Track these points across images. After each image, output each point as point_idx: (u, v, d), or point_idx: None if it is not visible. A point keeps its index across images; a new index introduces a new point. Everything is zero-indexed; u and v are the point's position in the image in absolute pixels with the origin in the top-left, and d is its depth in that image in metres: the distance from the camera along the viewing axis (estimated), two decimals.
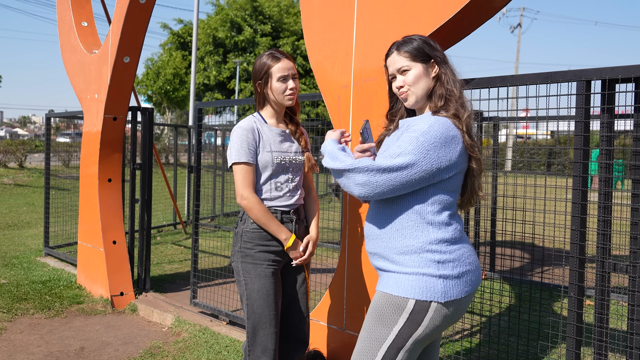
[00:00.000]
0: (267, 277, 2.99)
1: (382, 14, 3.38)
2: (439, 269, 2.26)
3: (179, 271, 7.23)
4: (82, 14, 6.57)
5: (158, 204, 13.20)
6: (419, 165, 2.21)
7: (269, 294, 2.97)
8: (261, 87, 3.08)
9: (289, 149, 3.12)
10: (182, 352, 4.46)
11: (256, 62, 3.08)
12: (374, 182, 2.26)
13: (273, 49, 3.13)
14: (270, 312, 2.97)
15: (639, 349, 2.68)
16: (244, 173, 2.95)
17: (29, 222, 11.22)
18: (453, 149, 2.25)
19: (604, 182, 2.83)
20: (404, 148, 2.24)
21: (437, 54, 2.45)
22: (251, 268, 2.99)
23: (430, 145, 2.22)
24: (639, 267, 2.66)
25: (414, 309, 2.25)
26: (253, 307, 2.96)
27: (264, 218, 2.96)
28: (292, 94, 3.04)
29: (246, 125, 3.01)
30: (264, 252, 3.00)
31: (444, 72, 2.44)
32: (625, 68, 2.70)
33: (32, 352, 4.44)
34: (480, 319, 5.28)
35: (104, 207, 5.93)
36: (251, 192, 2.96)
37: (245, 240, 3.02)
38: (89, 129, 6.15)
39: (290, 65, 3.04)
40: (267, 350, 2.95)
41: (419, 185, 2.26)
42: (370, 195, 2.29)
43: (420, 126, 2.28)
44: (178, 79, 33.64)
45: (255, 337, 2.96)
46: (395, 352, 2.29)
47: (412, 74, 2.44)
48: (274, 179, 3.04)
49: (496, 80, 3.12)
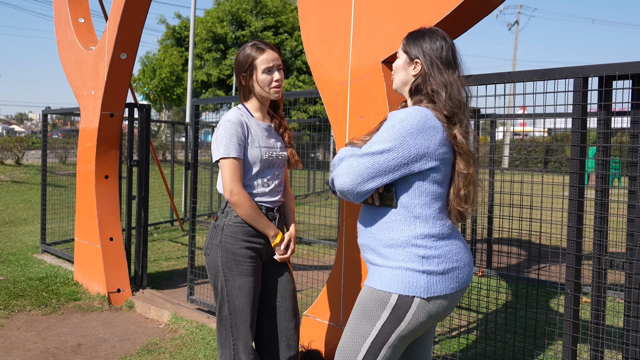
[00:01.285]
0: (249, 275, 2.94)
1: (379, 11, 3.38)
2: (422, 264, 2.25)
3: (176, 268, 7.23)
4: (78, 10, 6.55)
5: (155, 201, 13.20)
6: (395, 150, 2.21)
7: (250, 292, 2.94)
8: (245, 80, 3.01)
9: (274, 144, 3.08)
10: (179, 349, 4.46)
11: (239, 53, 3.01)
12: (354, 168, 2.26)
13: (257, 39, 3.06)
14: (253, 310, 2.94)
15: (635, 346, 2.69)
16: (233, 168, 2.87)
17: (26, 219, 11.20)
18: (432, 137, 2.23)
19: (601, 179, 2.83)
20: (381, 136, 2.26)
21: (427, 57, 2.37)
22: (232, 264, 2.92)
23: (406, 132, 2.21)
24: (635, 264, 2.67)
25: (396, 304, 2.25)
26: (234, 304, 2.91)
27: (255, 214, 2.91)
28: (278, 86, 2.99)
29: (234, 118, 2.92)
30: (246, 248, 2.94)
31: (427, 75, 2.37)
32: (622, 65, 2.70)
33: (28, 349, 4.44)
34: (476, 316, 5.29)
35: (101, 204, 5.92)
36: (241, 188, 2.89)
37: (227, 234, 2.94)
38: (85, 125, 6.14)
39: (274, 56, 2.98)
40: (247, 348, 2.92)
41: (399, 173, 2.24)
42: (353, 186, 2.26)
43: (399, 115, 2.27)
44: (174, 76, 33.50)
45: (239, 334, 2.93)
46: (378, 347, 2.29)
47: (396, 62, 2.50)
48: (261, 175, 2.99)
49: (493, 77, 3.12)
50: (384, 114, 3.34)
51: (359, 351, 2.32)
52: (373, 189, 2.28)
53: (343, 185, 2.29)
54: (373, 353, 2.29)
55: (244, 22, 32.52)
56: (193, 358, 4.28)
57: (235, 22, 32.63)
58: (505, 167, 9.88)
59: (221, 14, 32.76)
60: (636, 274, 2.67)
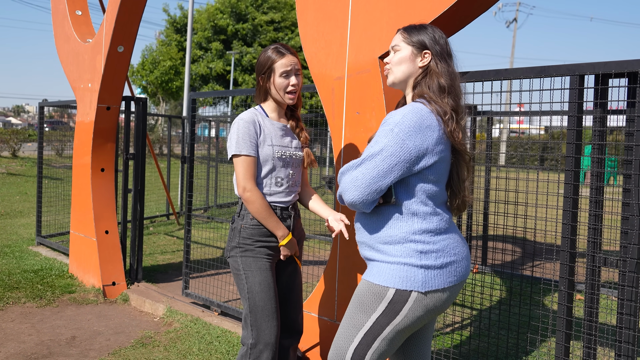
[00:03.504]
0: (267, 270, 2.99)
1: (376, 6, 3.37)
2: (421, 259, 2.26)
3: (171, 262, 7.23)
4: (76, 2, 6.53)
5: (152, 194, 13.19)
6: (396, 155, 2.21)
7: (270, 287, 2.98)
8: (264, 81, 3.05)
9: (289, 144, 3.11)
10: (174, 342, 4.46)
11: (261, 55, 3.07)
12: (359, 180, 2.26)
13: (278, 43, 3.10)
14: (272, 305, 2.96)
15: (627, 343, 2.70)
16: (246, 165, 2.92)
17: (22, 211, 11.19)
18: (429, 136, 2.24)
19: (596, 176, 2.84)
20: (379, 140, 2.26)
21: (436, 46, 2.41)
22: (252, 262, 2.98)
23: (405, 134, 2.21)
24: (629, 262, 2.68)
25: (393, 298, 2.26)
26: (255, 300, 2.94)
27: (265, 212, 2.95)
28: (294, 90, 3.02)
29: (247, 117, 2.98)
30: (263, 247, 3.01)
31: (436, 66, 2.39)
32: (618, 63, 2.71)
33: (23, 341, 4.43)
34: (471, 312, 5.30)
35: (97, 197, 5.92)
36: (254, 185, 2.94)
37: (244, 237, 3.01)
38: (82, 118, 6.13)
39: (294, 61, 3.02)
40: (269, 345, 2.93)
41: (400, 174, 2.25)
42: (364, 197, 2.26)
43: (395, 117, 2.27)
44: (174, 70, 33.40)
45: (259, 331, 2.93)
46: (371, 339, 2.30)
47: (399, 55, 2.45)
48: (274, 173, 3.02)
49: (490, 74, 3.12)
50: (380, 109, 3.34)
51: (352, 342, 2.33)
52: (381, 194, 2.28)
53: (353, 199, 2.29)
54: (366, 344, 2.30)
55: (244, 14, 32.41)
56: (187, 351, 4.28)
57: (235, 15, 32.52)
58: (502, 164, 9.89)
59: (221, 5, 32.68)
60: (630, 271, 2.68)
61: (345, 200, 2.34)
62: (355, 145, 3.50)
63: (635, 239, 2.65)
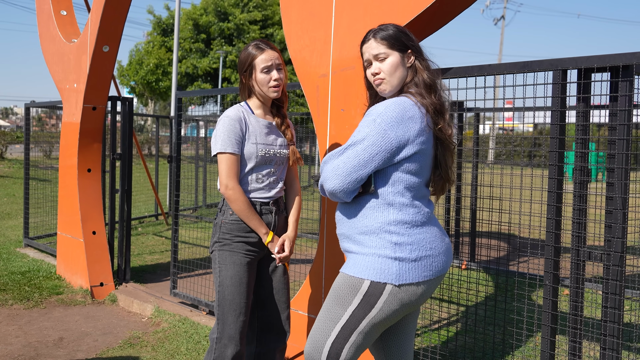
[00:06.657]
0: (242, 265, 2.98)
1: (360, 3, 3.37)
2: (395, 251, 2.26)
3: (159, 262, 7.21)
4: (61, 2, 6.50)
5: (140, 194, 13.14)
6: (377, 144, 2.23)
7: (242, 282, 2.97)
8: (246, 78, 3.05)
9: (274, 141, 3.10)
10: (162, 342, 4.45)
11: (242, 52, 3.06)
12: (340, 168, 2.28)
13: (258, 39, 3.09)
14: (241, 300, 2.95)
15: (612, 337, 2.71)
16: (230, 163, 2.92)
17: (9, 213, 11.12)
18: (411, 127, 2.26)
19: (579, 171, 2.85)
20: (362, 130, 2.28)
21: (412, 43, 2.45)
22: (227, 256, 2.98)
23: (387, 125, 2.23)
24: (613, 256, 2.69)
25: (368, 290, 2.27)
26: (224, 294, 2.95)
27: (247, 211, 2.95)
28: (277, 85, 3.00)
29: (233, 114, 2.97)
30: (242, 242, 3.00)
31: (419, 63, 2.43)
32: (601, 57, 2.72)
33: (10, 343, 4.41)
34: (458, 308, 5.31)
35: (84, 198, 5.89)
36: (236, 183, 2.94)
37: (224, 232, 3.01)
38: (68, 119, 6.10)
39: (274, 56, 3.00)
40: (233, 339, 2.92)
41: (381, 164, 2.26)
42: (344, 185, 2.27)
43: (378, 109, 2.29)
44: (161, 69, 33.23)
45: (224, 325, 2.94)
46: (348, 332, 2.30)
47: (389, 62, 2.43)
48: (256, 171, 3.02)
49: (473, 70, 3.13)
50: (365, 106, 3.34)
51: (329, 335, 2.33)
52: (361, 182, 2.29)
53: (334, 187, 2.30)
54: (343, 338, 2.30)
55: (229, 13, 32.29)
56: (175, 351, 4.27)
57: (218, 13, 32.38)
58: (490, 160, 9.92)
59: (205, 4, 32.55)
60: (614, 265, 2.69)
61: (326, 189, 2.35)
62: (341, 143, 3.50)
63: (619, 233, 2.67)
